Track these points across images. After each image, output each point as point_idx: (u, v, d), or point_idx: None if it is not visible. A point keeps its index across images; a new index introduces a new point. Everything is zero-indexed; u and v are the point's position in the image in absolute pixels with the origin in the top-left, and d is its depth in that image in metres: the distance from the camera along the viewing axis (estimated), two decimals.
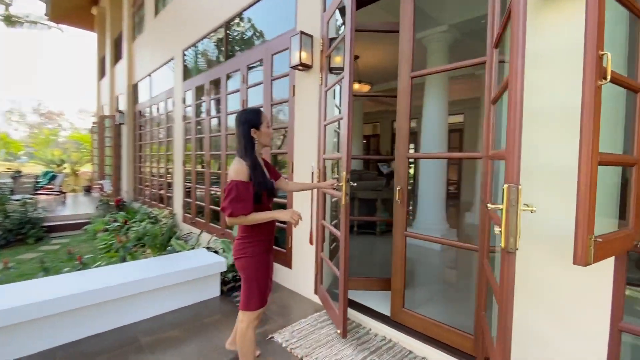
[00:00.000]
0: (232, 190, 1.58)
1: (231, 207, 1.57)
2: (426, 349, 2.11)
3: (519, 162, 1.08)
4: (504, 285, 1.11)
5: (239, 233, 1.74)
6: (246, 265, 1.71)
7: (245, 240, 1.72)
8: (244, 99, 3.73)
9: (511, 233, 1.09)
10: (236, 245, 1.74)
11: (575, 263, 1.07)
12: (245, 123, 1.69)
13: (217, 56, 4.53)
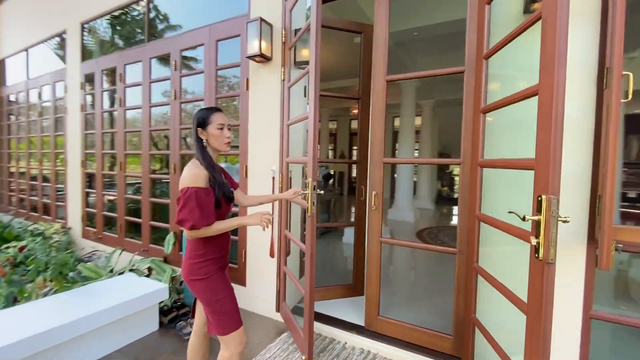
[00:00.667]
0: (191, 199, 1.35)
1: (192, 218, 1.34)
2: (407, 355, 2.10)
3: (559, 174, 1.09)
4: (545, 296, 1.12)
5: (189, 252, 1.48)
6: (203, 287, 1.46)
7: (197, 260, 1.46)
8: (176, 89, 3.15)
9: (551, 244, 1.10)
10: (187, 267, 1.47)
11: (601, 269, 1.14)
12: (194, 121, 1.52)
13: (135, 35, 3.73)
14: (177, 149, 3.18)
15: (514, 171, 1.64)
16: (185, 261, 1.49)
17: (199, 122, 1.51)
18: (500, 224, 1.51)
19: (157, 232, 3.55)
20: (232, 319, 1.48)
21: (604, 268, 1.15)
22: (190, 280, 1.47)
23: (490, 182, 1.77)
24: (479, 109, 1.74)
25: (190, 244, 1.47)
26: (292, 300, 2.70)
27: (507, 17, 1.75)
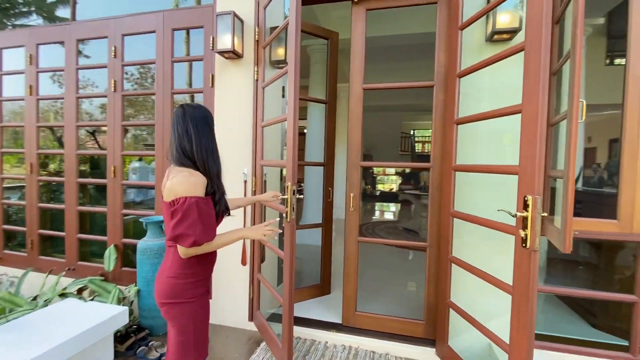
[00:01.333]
0: (191, 210, 1.18)
1: (193, 233, 1.19)
2: (385, 344, 2.26)
3: (542, 178, 1.36)
4: (532, 278, 1.38)
5: (174, 269, 1.28)
6: (182, 312, 1.28)
7: (185, 280, 1.28)
8: (116, 79, 2.71)
9: (537, 235, 1.36)
10: (169, 287, 1.27)
11: (564, 251, 1.45)
12: (206, 120, 1.32)
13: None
14: (118, 149, 2.74)
15: (479, 175, 1.95)
16: (165, 280, 1.28)
17: (212, 121, 1.37)
18: (477, 219, 1.77)
19: (85, 246, 3.00)
20: (198, 352, 1.34)
21: (566, 251, 1.48)
22: (170, 302, 1.27)
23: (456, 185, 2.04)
24: (452, 121, 1.99)
25: (177, 260, 1.27)
26: (265, 307, 2.62)
27: (473, 42, 2.05)
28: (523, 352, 1.43)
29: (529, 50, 1.40)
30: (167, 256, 1.32)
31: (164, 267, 1.31)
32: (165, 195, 1.23)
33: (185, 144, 1.26)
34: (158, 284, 1.31)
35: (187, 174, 1.23)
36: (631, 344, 1.94)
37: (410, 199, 6.40)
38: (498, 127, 2.03)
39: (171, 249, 1.30)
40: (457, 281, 2.07)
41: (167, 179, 1.26)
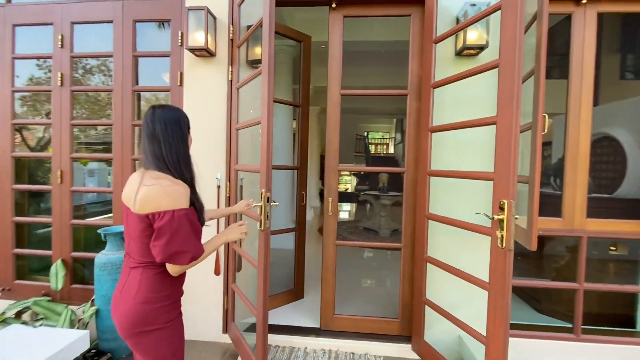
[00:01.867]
0: (183, 224, 1.08)
1: (189, 248, 1.10)
2: (364, 344, 2.32)
3: (516, 184, 1.50)
4: (507, 275, 1.51)
5: (143, 294, 1.11)
6: (158, 339, 1.14)
7: (159, 304, 1.13)
8: (64, 72, 2.39)
9: (512, 235, 1.50)
10: (141, 314, 1.11)
11: (531, 248, 1.62)
12: (177, 123, 1.18)
13: None
14: (66, 151, 2.42)
15: (448, 180, 2.10)
16: (133, 307, 1.10)
17: (188, 126, 1.25)
18: (453, 222, 1.90)
19: (20, 262, 2.61)
20: None
21: (533, 249, 1.66)
22: (142, 332, 1.11)
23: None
24: (427, 128, 2.10)
25: (146, 283, 1.12)
26: (242, 316, 2.52)
27: (444, 55, 2.19)
28: (499, 343, 1.56)
29: (503, 68, 1.54)
30: (131, 280, 1.14)
31: (127, 293, 1.13)
32: (139, 206, 1.07)
33: (155, 147, 1.13)
34: (122, 312, 1.12)
35: (169, 183, 1.10)
36: (574, 326, 2.23)
37: (369, 199, 6.62)
38: (465, 135, 2.19)
39: (137, 269, 1.14)
40: (432, 279, 2.20)
41: (138, 185, 1.10)
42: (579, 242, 2.24)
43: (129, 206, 1.12)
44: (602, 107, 2.93)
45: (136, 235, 1.11)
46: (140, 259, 1.13)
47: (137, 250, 1.13)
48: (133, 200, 1.10)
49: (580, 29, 2.17)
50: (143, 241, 1.10)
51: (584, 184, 2.22)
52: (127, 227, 1.16)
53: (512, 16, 1.49)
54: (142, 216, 1.08)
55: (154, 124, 1.14)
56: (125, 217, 1.16)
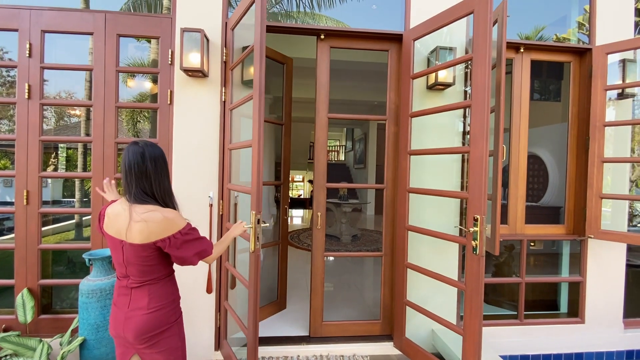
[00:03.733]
0: (193, 231, 1.34)
1: (207, 246, 1.38)
2: (351, 347, 2.54)
3: (485, 202, 1.86)
4: (480, 277, 1.86)
5: (155, 303, 1.28)
6: (171, 336, 1.34)
7: (168, 307, 1.33)
8: (32, 83, 2.20)
9: (484, 244, 1.85)
10: (155, 320, 1.27)
11: (495, 254, 2.00)
12: (164, 160, 1.31)
13: None
14: (34, 169, 2.21)
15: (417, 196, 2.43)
16: (146, 316, 1.26)
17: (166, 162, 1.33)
18: (431, 232, 2.23)
19: None
20: None
21: (496, 253, 2.04)
22: (158, 334, 1.28)
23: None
24: (405, 151, 2.41)
25: (156, 293, 1.28)
26: (230, 332, 2.54)
27: (417, 88, 2.53)
28: (475, 334, 1.90)
29: (475, 108, 1.89)
30: (138, 296, 1.27)
31: (137, 306, 1.26)
32: (141, 238, 1.20)
33: (145, 184, 1.24)
34: (137, 325, 1.25)
35: (161, 214, 1.23)
36: (518, 313, 2.73)
37: (330, 207, 6.91)
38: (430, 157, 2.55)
39: (142, 287, 1.28)
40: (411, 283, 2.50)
41: (128, 220, 1.21)
42: (520, 243, 2.75)
43: (121, 239, 1.24)
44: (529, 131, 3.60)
45: (137, 261, 1.24)
46: (142, 278, 1.28)
47: (137, 273, 1.27)
48: (125, 234, 1.22)
49: (518, 71, 2.70)
50: (145, 264, 1.26)
51: (523, 195, 2.74)
52: (124, 255, 1.26)
53: (482, 66, 1.85)
54: (145, 245, 1.22)
55: (144, 162, 1.23)
56: (120, 246, 1.25)
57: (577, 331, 2.73)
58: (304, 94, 5.72)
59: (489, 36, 1.81)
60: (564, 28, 3.19)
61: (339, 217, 6.41)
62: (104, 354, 1.99)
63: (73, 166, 4.58)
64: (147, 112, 5.20)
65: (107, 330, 1.98)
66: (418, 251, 2.50)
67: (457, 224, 2.56)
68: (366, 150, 9.74)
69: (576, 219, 2.73)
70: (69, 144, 6.06)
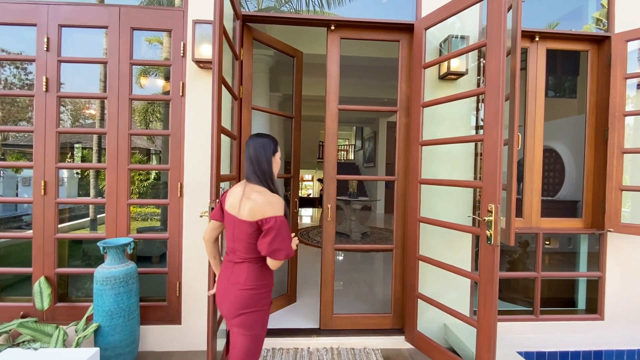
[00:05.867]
0: (283, 227, 1.36)
1: (285, 247, 1.37)
2: (362, 340, 2.52)
3: (500, 191, 1.81)
4: (495, 267, 1.81)
5: (250, 281, 1.41)
6: (257, 320, 1.43)
7: (261, 290, 1.43)
8: (49, 76, 2.25)
9: (498, 234, 1.81)
10: (246, 298, 1.39)
11: (510, 244, 1.95)
12: (263, 147, 1.46)
13: None
14: (51, 161, 2.27)
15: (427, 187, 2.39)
16: (240, 292, 1.39)
17: (275, 148, 1.49)
18: (444, 223, 2.19)
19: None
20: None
21: (511, 244, 1.99)
22: (246, 312, 1.39)
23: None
24: (417, 142, 2.38)
25: (253, 273, 1.41)
26: None
27: (429, 78, 2.50)
28: (490, 326, 1.85)
29: (489, 95, 1.85)
30: (238, 272, 1.41)
31: (235, 281, 1.40)
32: (248, 215, 1.34)
33: (249, 165, 1.43)
34: (233, 298, 1.39)
35: (269, 196, 1.37)
36: (534, 308, 2.65)
37: (339, 204, 6.89)
38: (442, 147, 2.51)
39: (243, 264, 1.41)
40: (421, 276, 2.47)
41: (241, 197, 1.38)
42: (535, 238, 2.68)
43: (234, 214, 1.39)
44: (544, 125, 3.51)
45: (243, 237, 1.38)
46: (246, 255, 1.40)
47: (242, 249, 1.40)
48: (238, 210, 1.37)
49: (533, 60, 2.63)
50: (249, 241, 1.38)
51: (538, 189, 2.67)
52: (233, 230, 1.41)
53: (496, 52, 1.81)
54: (251, 222, 1.35)
55: (248, 148, 1.45)
56: (232, 222, 1.41)
57: (595, 328, 2.64)
58: (313, 91, 5.74)
59: (503, 18, 1.78)
60: (579, 23, 3.11)
61: (349, 214, 6.38)
62: (118, 340, 2.01)
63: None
64: (158, 112, 5.33)
65: (121, 317, 2.02)
66: (429, 244, 2.46)
67: (469, 216, 2.51)
68: (376, 148, 9.68)
69: (595, 213, 2.64)
70: (84, 144, 6.24)
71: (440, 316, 2.47)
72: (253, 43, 2.56)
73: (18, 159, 8.78)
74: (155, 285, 2.46)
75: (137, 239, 2.29)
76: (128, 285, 2.07)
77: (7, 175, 6.69)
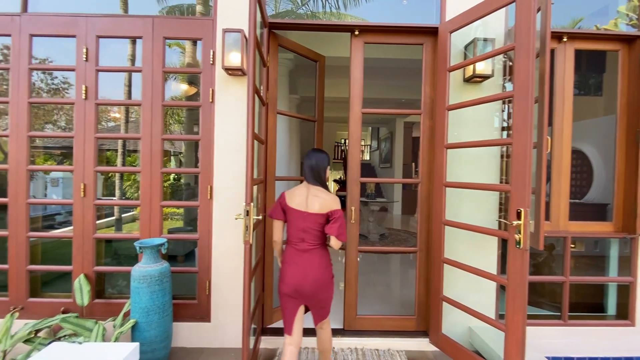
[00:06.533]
0: (343, 217, 1.84)
1: (345, 232, 1.82)
2: (386, 341, 2.54)
3: (530, 195, 1.80)
4: (523, 271, 1.80)
5: (325, 261, 1.86)
6: (331, 287, 1.89)
7: (330, 266, 1.89)
8: (88, 85, 2.38)
9: (528, 237, 1.80)
10: (327, 273, 1.85)
11: (539, 248, 1.94)
12: (322, 160, 1.92)
13: None
14: (90, 164, 2.40)
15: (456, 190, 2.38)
16: (321, 270, 1.81)
17: (328, 162, 1.96)
18: (471, 227, 2.19)
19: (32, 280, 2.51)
20: None
21: (540, 248, 1.97)
22: (328, 282, 1.84)
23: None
24: (442, 145, 2.38)
25: (325, 254, 1.86)
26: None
27: (453, 81, 2.50)
28: (519, 331, 1.85)
29: (518, 99, 1.84)
30: (312, 256, 1.81)
31: (312, 263, 1.80)
32: (319, 209, 1.80)
33: (314, 173, 1.88)
34: (314, 277, 1.78)
35: (332, 195, 1.88)
36: (562, 313, 2.61)
37: None
38: (468, 153, 2.51)
39: (314, 250, 1.82)
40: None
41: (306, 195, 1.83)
42: (563, 242, 2.63)
43: (302, 209, 1.81)
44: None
45: (315, 227, 1.81)
46: (315, 242, 1.83)
47: (312, 238, 1.82)
48: (306, 206, 1.81)
49: (561, 62, 2.59)
50: (319, 230, 1.82)
51: (566, 191, 2.62)
52: (302, 223, 1.81)
53: (525, 55, 1.80)
54: (322, 214, 1.81)
55: (310, 159, 1.90)
56: (301, 216, 1.82)
57: (627, 334, 2.57)
58: (328, 92, 5.79)
59: (532, 20, 1.77)
60: (605, 18, 3.02)
61: (367, 215, 6.38)
62: (153, 336, 2.11)
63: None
64: (177, 115, 5.50)
65: (156, 314, 2.11)
66: (454, 247, 2.46)
67: (495, 219, 2.50)
68: (392, 149, 9.63)
69: (626, 216, 2.58)
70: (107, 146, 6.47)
71: (465, 319, 2.46)
72: (278, 49, 2.63)
73: (46, 160, 9.18)
74: (183, 283, 2.56)
75: (168, 239, 2.39)
76: (162, 284, 2.17)
77: (38, 176, 7.03)
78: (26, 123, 2.38)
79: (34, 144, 2.96)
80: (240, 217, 1.77)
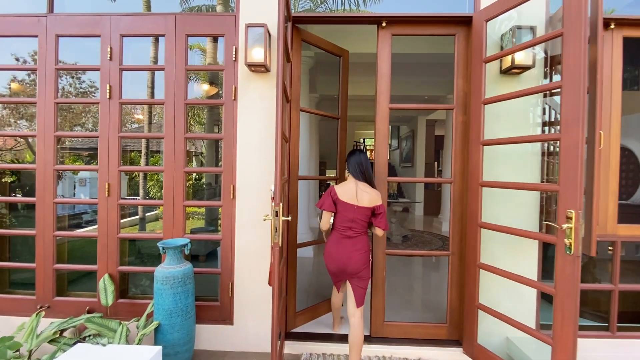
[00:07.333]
0: (386, 211, 2.16)
1: (387, 222, 2.15)
2: (416, 350, 2.40)
3: (582, 195, 1.63)
4: (574, 279, 1.63)
5: (365, 246, 2.13)
6: (369, 271, 2.17)
7: (369, 251, 2.17)
8: (112, 84, 2.37)
9: (580, 242, 1.62)
10: (365, 257, 2.11)
11: (592, 255, 1.76)
12: (367, 160, 2.18)
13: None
14: (114, 164, 2.39)
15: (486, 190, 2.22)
16: (362, 254, 2.08)
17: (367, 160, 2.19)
18: (511, 230, 2.02)
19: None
20: None
21: (592, 254, 1.79)
22: (365, 267, 2.11)
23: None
24: (478, 142, 2.23)
25: (366, 240, 2.13)
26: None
27: (489, 73, 2.33)
28: (569, 344, 1.67)
29: (567, 90, 1.67)
30: (357, 242, 2.09)
31: (357, 248, 2.08)
32: (368, 202, 2.07)
33: (364, 170, 2.14)
34: (357, 259, 2.07)
35: (376, 191, 2.15)
36: (610, 324, 2.39)
37: None
38: (504, 150, 2.34)
39: (359, 237, 2.10)
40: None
41: (355, 190, 2.09)
42: (613, 246, 2.41)
43: (352, 203, 2.07)
44: None
45: (362, 218, 2.08)
46: (360, 230, 2.10)
47: (359, 227, 2.09)
48: (356, 200, 2.06)
49: (608, 50, 2.37)
50: (365, 221, 2.10)
51: (615, 192, 2.40)
52: (352, 214, 2.07)
53: (576, 41, 1.63)
54: (369, 207, 2.08)
55: (360, 158, 2.16)
56: (351, 208, 2.07)
57: None
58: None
59: (584, 3, 1.60)
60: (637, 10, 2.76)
61: (389, 216, 6.21)
62: (176, 338, 2.07)
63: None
64: (197, 116, 5.53)
65: (179, 316, 2.07)
66: (488, 250, 2.29)
67: (536, 222, 2.31)
68: (414, 148, 9.38)
69: None
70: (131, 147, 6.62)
71: (502, 328, 2.28)
72: (301, 44, 2.54)
73: (74, 160, 9.54)
74: (205, 284, 2.52)
75: (190, 240, 2.34)
76: (185, 285, 2.12)
77: (67, 177, 7.30)
78: (53, 123, 2.39)
79: (63, 145, 3.00)
80: (268, 217, 1.69)
